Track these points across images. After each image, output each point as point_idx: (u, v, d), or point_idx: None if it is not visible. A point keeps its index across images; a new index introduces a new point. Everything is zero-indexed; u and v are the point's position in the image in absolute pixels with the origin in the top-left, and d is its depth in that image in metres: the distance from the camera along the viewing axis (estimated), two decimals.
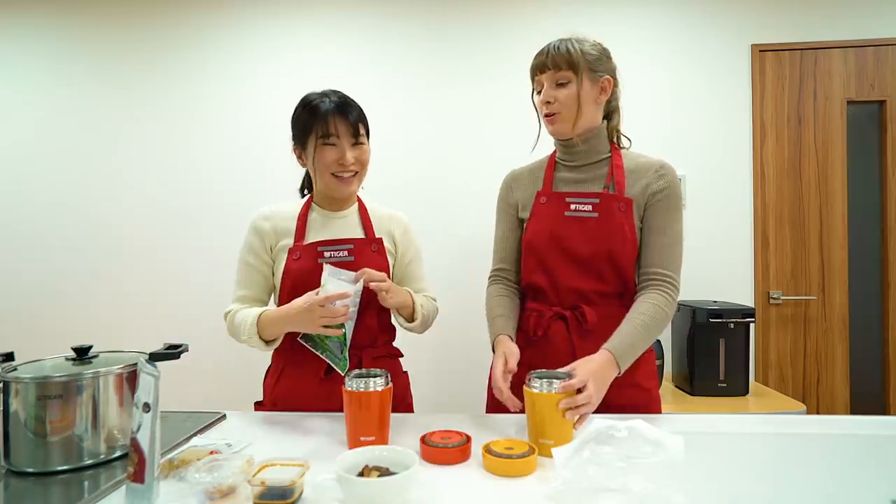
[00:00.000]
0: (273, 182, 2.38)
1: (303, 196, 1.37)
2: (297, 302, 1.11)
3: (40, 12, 2.51)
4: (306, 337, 1.19)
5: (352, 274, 1.13)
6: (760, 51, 2.36)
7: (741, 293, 2.35)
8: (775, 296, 2.37)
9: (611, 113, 1.31)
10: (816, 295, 2.37)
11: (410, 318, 1.27)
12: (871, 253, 2.42)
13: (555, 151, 1.34)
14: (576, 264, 1.22)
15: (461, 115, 2.43)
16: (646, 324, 1.13)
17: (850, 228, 2.35)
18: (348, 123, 1.20)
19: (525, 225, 1.30)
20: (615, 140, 1.31)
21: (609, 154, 1.27)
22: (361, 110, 1.24)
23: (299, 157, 1.27)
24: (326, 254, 1.21)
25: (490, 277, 1.39)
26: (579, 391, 0.97)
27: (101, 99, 2.50)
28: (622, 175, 1.24)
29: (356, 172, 1.24)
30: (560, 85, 1.21)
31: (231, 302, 1.27)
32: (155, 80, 2.49)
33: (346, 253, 1.22)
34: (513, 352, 1.16)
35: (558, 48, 1.21)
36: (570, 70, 1.20)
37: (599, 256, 1.20)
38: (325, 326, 1.08)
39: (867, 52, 2.34)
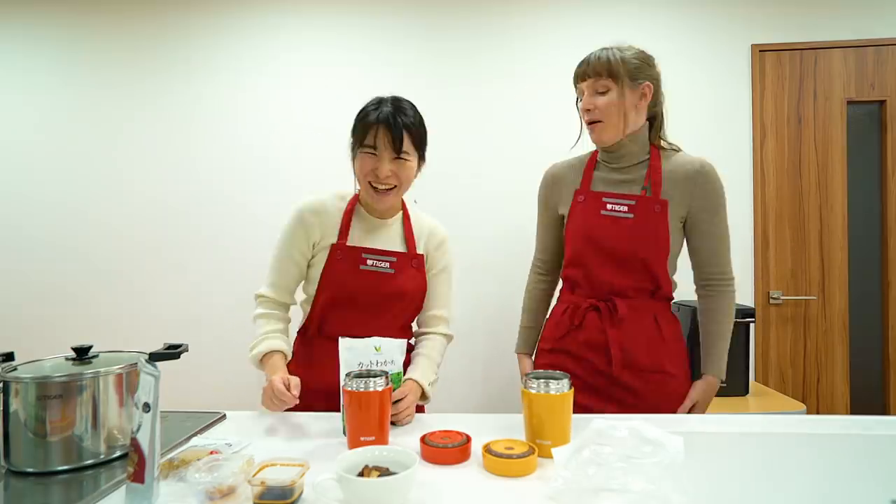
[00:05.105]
0: (274, 182, 2.37)
1: None
2: (276, 377, 1.08)
3: (40, 13, 2.51)
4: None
5: (367, 342, 1.06)
6: (760, 51, 2.36)
7: (741, 293, 2.33)
8: (775, 296, 2.37)
9: (654, 117, 1.33)
10: (816, 295, 2.36)
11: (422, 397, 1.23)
12: (871, 253, 2.41)
13: (596, 151, 1.38)
14: (610, 261, 1.27)
15: (462, 116, 2.42)
16: (726, 332, 1.34)
17: (850, 228, 2.35)
18: (391, 136, 1.17)
19: (565, 220, 1.36)
20: (656, 142, 1.33)
21: (648, 156, 1.30)
22: (414, 124, 1.20)
23: (352, 161, 1.25)
24: (369, 261, 1.23)
25: (532, 265, 1.53)
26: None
27: (100, 99, 2.50)
28: (659, 177, 1.27)
29: (394, 186, 1.21)
30: (600, 93, 1.25)
31: (263, 285, 1.28)
32: (155, 81, 2.49)
33: (387, 265, 1.24)
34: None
35: (598, 57, 1.25)
36: (609, 78, 1.23)
37: (632, 256, 1.26)
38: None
39: (867, 52, 2.34)
